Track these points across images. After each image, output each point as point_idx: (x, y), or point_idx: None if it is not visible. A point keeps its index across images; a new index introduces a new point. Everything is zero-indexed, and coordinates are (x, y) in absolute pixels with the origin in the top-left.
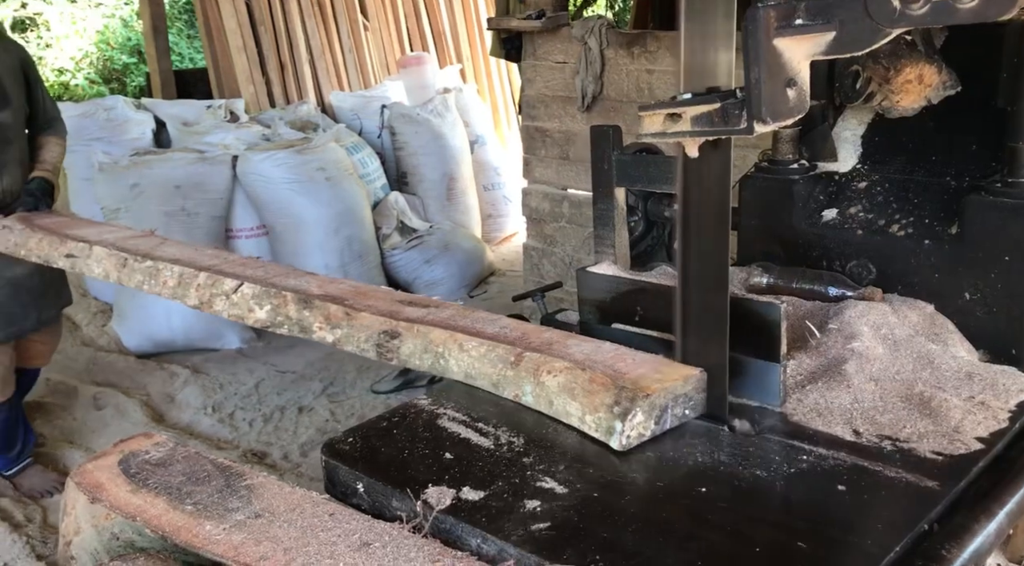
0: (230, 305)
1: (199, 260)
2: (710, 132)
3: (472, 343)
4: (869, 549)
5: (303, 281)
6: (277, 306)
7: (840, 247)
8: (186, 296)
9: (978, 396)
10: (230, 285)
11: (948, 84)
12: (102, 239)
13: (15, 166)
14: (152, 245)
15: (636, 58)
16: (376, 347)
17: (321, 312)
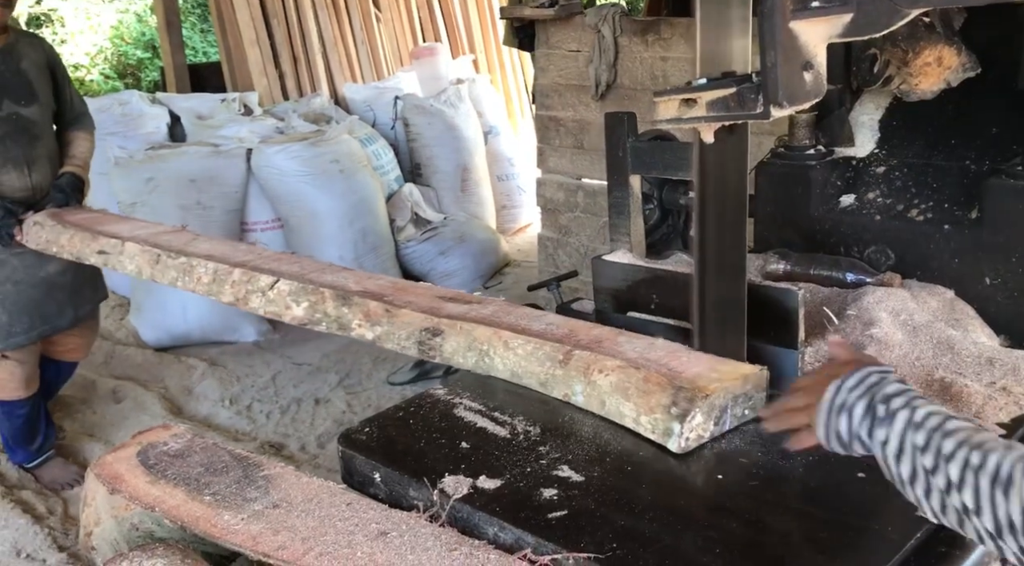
0: (266, 302)
1: (233, 256)
2: (726, 117)
3: (518, 341)
4: (890, 536)
5: (340, 277)
6: (315, 303)
7: (858, 233)
8: (221, 293)
9: (999, 381)
10: (266, 281)
11: (967, 66)
12: (134, 235)
13: (44, 162)
14: (185, 241)
15: (650, 46)
16: (418, 345)
17: (360, 309)
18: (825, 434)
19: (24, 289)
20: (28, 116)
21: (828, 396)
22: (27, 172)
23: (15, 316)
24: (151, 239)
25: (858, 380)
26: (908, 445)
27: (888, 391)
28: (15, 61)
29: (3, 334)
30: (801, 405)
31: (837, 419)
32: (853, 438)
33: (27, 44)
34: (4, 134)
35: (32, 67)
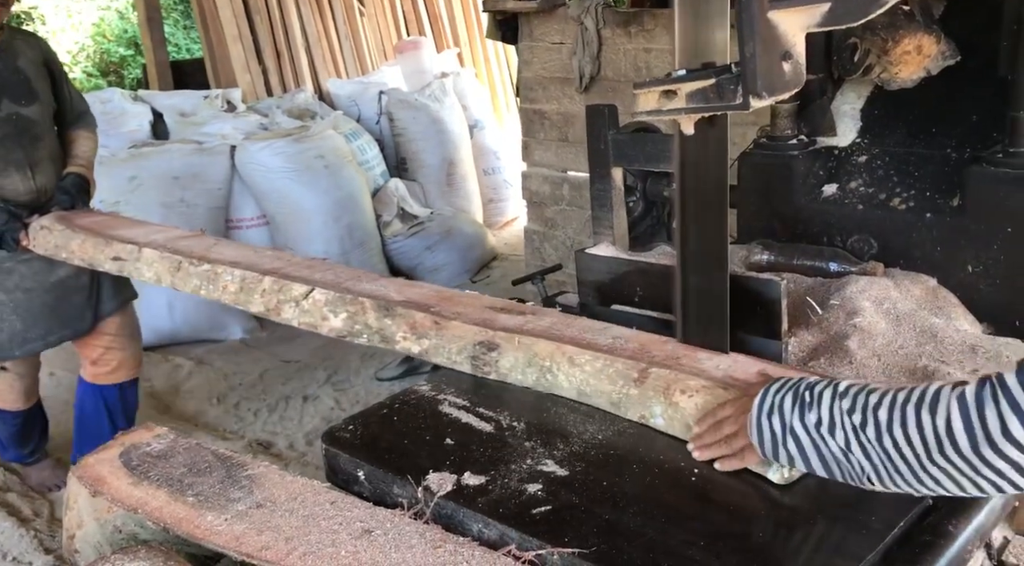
0: (300, 312)
1: (260, 263)
2: (705, 108)
3: (584, 356)
4: (874, 525)
5: (379, 286)
6: (354, 314)
7: (841, 222)
8: (249, 302)
9: (982, 369)
10: (299, 290)
11: (947, 54)
12: (151, 240)
13: (48, 163)
14: (206, 246)
15: (633, 37)
16: (471, 360)
17: (405, 320)
18: (759, 439)
19: (37, 295)
20: (28, 116)
21: (756, 404)
22: (30, 174)
23: (29, 323)
24: (169, 244)
25: (780, 384)
26: (837, 414)
27: (811, 380)
28: (12, 59)
29: (18, 341)
30: (734, 429)
31: (768, 421)
32: (787, 432)
33: (23, 42)
34: (5, 135)
35: (29, 65)
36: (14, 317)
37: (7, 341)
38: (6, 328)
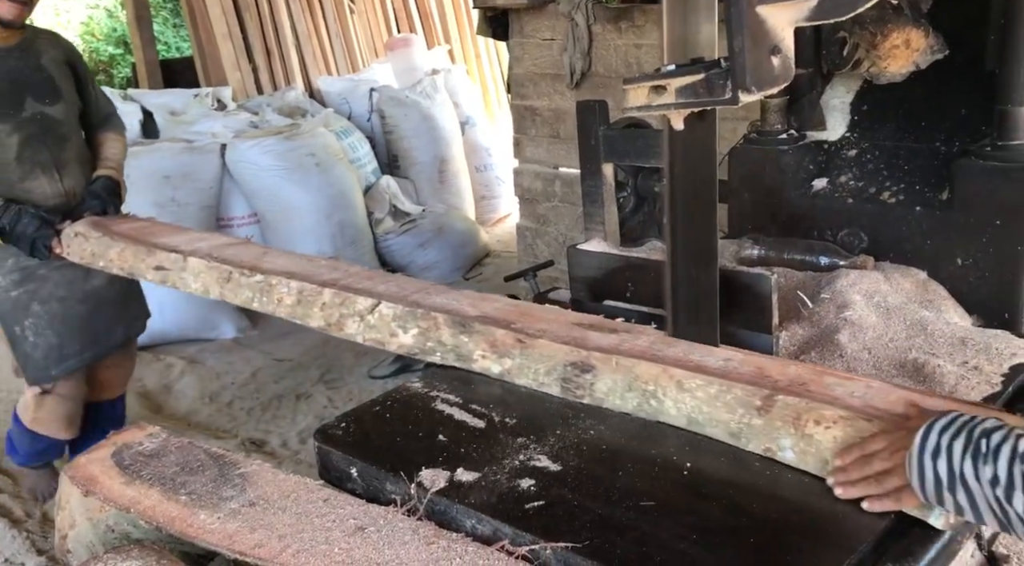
0: (366, 328)
1: (316, 273)
2: (695, 103)
3: (696, 380)
4: (866, 516)
5: (450, 299)
6: (426, 330)
7: (831, 216)
8: (308, 316)
9: (972, 361)
10: (364, 304)
11: (935, 48)
12: (195, 248)
13: (75, 165)
14: (255, 255)
15: (624, 33)
16: (561, 382)
17: (485, 338)
18: (920, 482)
19: (71, 305)
20: (54, 115)
21: (917, 442)
22: (58, 177)
23: (65, 337)
24: (216, 253)
25: (947, 422)
26: (1019, 478)
27: (985, 425)
28: (35, 58)
29: (55, 358)
30: (887, 466)
31: (933, 463)
32: (956, 480)
33: (45, 40)
34: (30, 136)
35: (52, 64)
36: (49, 331)
37: (43, 359)
38: (42, 344)
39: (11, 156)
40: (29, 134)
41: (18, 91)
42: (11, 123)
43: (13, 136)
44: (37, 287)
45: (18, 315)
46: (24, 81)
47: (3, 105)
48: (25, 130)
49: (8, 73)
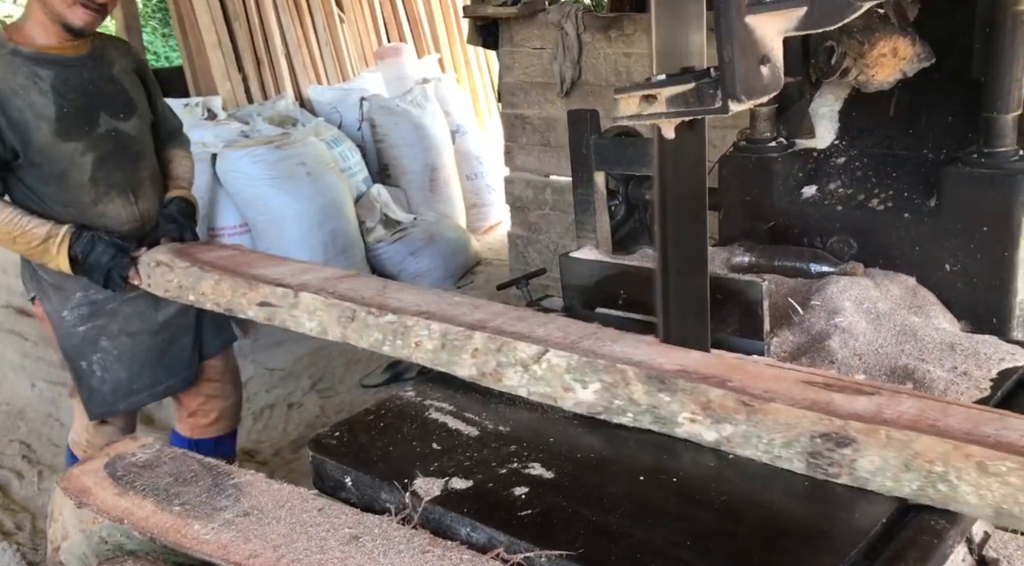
0: (531, 379)
1: (456, 312)
2: (685, 112)
3: (1006, 463)
4: (857, 522)
5: (630, 346)
6: (612, 385)
7: (821, 223)
8: (455, 364)
9: (960, 366)
10: (528, 352)
11: (922, 56)
12: (304, 282)
13: (149, 185)
14: (374, 289)
15: (613, 42)
16: (807, 457)
17: (694, 398)
18: None
19: (142, 339)
20: (127, 131)
21: None
22: (133, 199)
23: (135, 372)
24: (329, 287)
25: None
26: None
27: None
28: (107, 68)
29: (123, 393)
30: None
31: None
32: None
33: (115, 49)
34: (105, 154)
35: (124, 75)
36: (118, 365)
37: (110, 394)
38: (110, 379)
39: (85, 177)
40: (104, 153)
41: (92, 106)
42: (85, 141)
43: (87, 155)
44: (106, 322)
45: (85, 351)
46: (98, 94)
47: (77, 122)
48: (100, 149)
49: (81, 86)
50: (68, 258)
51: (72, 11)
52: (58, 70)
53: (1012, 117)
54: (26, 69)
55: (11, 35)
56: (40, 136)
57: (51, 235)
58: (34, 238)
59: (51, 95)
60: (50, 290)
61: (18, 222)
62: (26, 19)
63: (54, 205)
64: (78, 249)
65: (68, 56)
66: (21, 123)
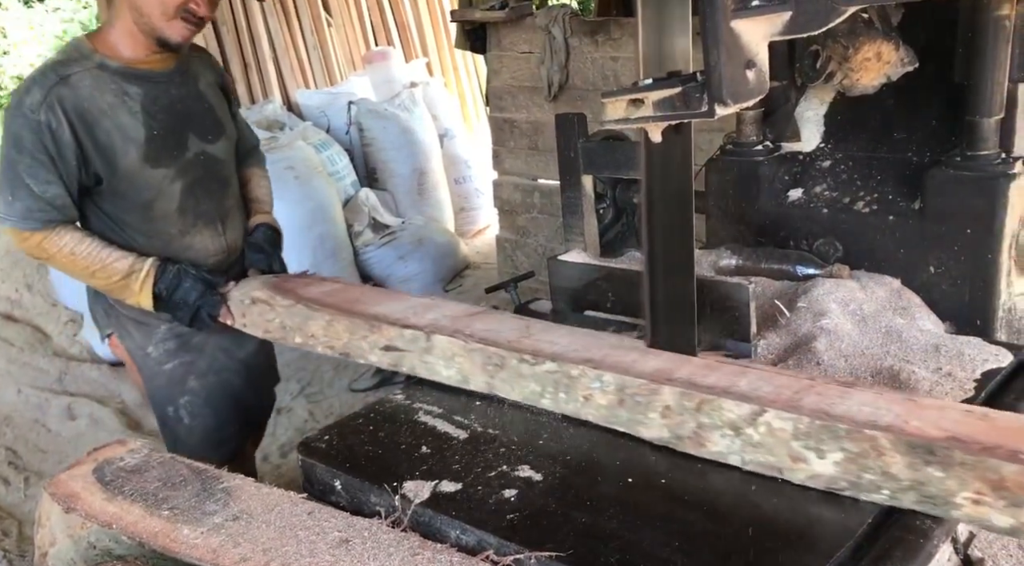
0: (745, 446)
1: (626, 360)
2: (672, 116)
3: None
4: (844, 522)
5: (870, 406)
6: (859, 456)
7: (807, 226)
8: (639, 424)
9: (945, 367)
10: (738, 411)
11: (906, 61)
12: (431, 321)
13: (236, 214)
14: (517, 330)
15: (600, 46)
16: None
17: (977, 473)
18: None
19: (228, 378)
20: (216, 155)
21: None
22: (221, 229)
23: (224, 417)
24: (463, 327)
25: None
26: None
27: None
28: (194, 83)
29: (213, 443)
30: None
31: None
32: None
33: (199, 61)
34: (194, 181)
35: (210, 90)
36: (207, 410)
37: (199, 444)
38: (198, 427)
39: (173, 206)
40: (193, 179)
41: (181, 127)
42: (174, 167)
43: (176, 183)
44: (194, 358)
45: (172, 393)
46: (187, 114)
47: (166, 145)
48: (188, 175)
49: (170, 105)
50: (152, 295)
51: (171, 25)
52: (147, 87)
53: (994, 120)
54: (114, 86)
55: (96, 46)
56: (127, 161)
57: (133, 270)
58: (114, 273)
59: (140, 116)
60: (130, 325)
61: (97, 255)
62: (112, 27)
63: (136, 235)
64: (163, 285)
65: (157, 71)
66: (108, 147)
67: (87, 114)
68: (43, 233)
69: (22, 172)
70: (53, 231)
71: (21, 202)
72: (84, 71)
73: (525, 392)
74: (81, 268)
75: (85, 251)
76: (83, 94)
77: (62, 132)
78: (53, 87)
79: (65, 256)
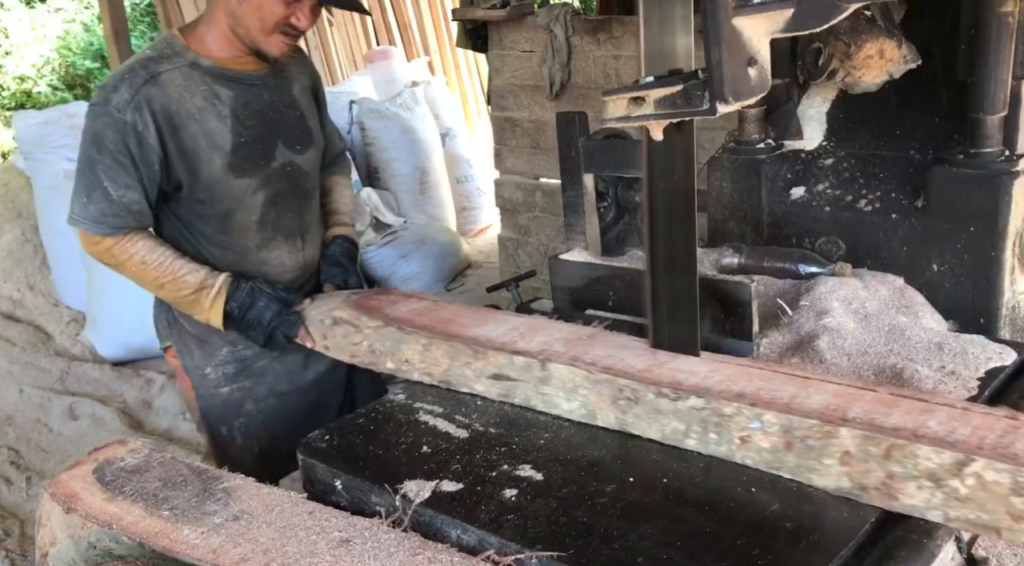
0: (948, 500)
1: (782, 394)
2: (673, 114)
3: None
4: (847, 521)
5: None
6: None
7: (809, 224)
8: (811, 469)
9: (948, 366)
10: (938, 459)
11: (909, 58)
12: (545, 347)
13: (316, 228)
14: (644, 356)
15: (602, 44)
16: None
17: None
18: None
19: (290, 400)
20: (302, 166)
21: None
22: (300, 245)
23: (280, 439)
24: (581, 354)
25: None
26: None
27: None
28: (287, 88)
29: (267, 466)
30: None
31: None
32: None
33: (294, 64)
34: (276, 193)
35: (302, 96)
36: (262, 432)
37: (252, 465)
38: (253, 447)
39: (252, 219)
40: (276, 191)
41: (270, 135)
42: (259, 177)
43: (258, 194)
44: (253, 384)
45: (227, 415)
46: (277, 121)
47: (253, 154)
48: (272, 186)
49: (261, 111)
50: (222, 313)
51: (270, 40)
52: (239, 90)
53: (997, 118)
54: (205, 87)
55: (189, 42)
56: (211, 169)
57: (205, 285)
58: (184, 287)
59: (229, 121)
60: (192, 343)
61: (168, 266)
62: (208, 26)
63: (210, 247)
64: (235, 303)
65: (250, 73)
66: (193, 153)
67: (174, 117)
68: (114, 239)
69: (101, 173)
70: (125, 237)
71: (96, 205)
72: (175, 69)
73: (666, 431)
74: (150, 278)
75: (156, 261)
76: (172, 95)
77: (147, 135)
78: (142, 86)
79: (135, 264)
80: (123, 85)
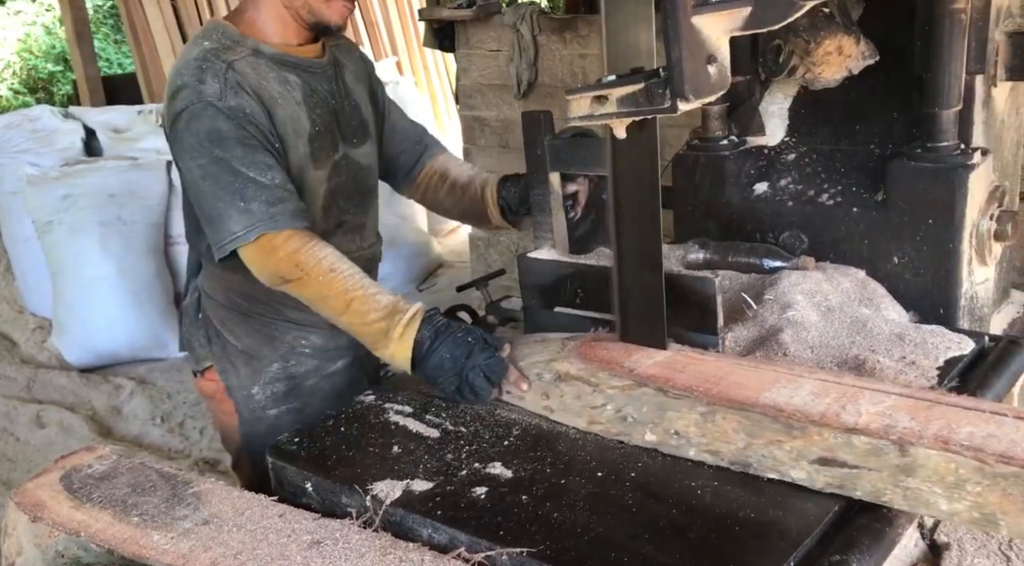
0: None
1: None
2: (636, 112)
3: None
4: (810, 510)
5: None
6: None
7: (773, 219)
8: None
9: (909, 356)
10: None
11: (867, 54)
12: (883, 417)
13: (371, 231)
14: (930, 414)
15: (568, 43)
16: None
17: None
18: None
19: None
20: (359, 161)
21: None
22: (358, 241)
23: None
24: (944, 432)
25: None
26: None
27: None
28: (341, 77)
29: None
30: None
31: None
32: None
33: (345, 51)
34: (334, 188)
35: (357, 85)
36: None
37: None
38: None
39: (318, 213)
40: (334, 186)
41: (333, 126)
42: (327, 168)
43: (323, 186)
44: (303, 405)
45: (270, 441)
46: (338, 111)
47: (324, 144)
48: (332, 180)
49: (325, 100)
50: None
51: (331, 6)
52: (305, 77)
53: (952, 112)
54: (275, 74)
55: (243, 30)
56: (296, 157)
57: (399, 309)
58: (374, 308)
59: (304, 108)
60: (239, 360)
61: (360, 281)
62: (257, 9)
63: None
64: (428, 333)
65: (311, 60)
66: (283, 138)
67: (266, 101)
68: (301, 238)
69: (240, 167)
70: (310, 240)
71: (257, 202)
72: (242, 58)
73: None
74: (337, 292)
75: (347, 271)
76: (251, 82)
77: (256, 112)
78: (226, 72)
79: (323, 274)
80: (207, 76)
